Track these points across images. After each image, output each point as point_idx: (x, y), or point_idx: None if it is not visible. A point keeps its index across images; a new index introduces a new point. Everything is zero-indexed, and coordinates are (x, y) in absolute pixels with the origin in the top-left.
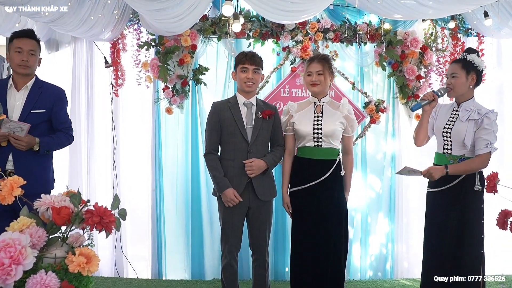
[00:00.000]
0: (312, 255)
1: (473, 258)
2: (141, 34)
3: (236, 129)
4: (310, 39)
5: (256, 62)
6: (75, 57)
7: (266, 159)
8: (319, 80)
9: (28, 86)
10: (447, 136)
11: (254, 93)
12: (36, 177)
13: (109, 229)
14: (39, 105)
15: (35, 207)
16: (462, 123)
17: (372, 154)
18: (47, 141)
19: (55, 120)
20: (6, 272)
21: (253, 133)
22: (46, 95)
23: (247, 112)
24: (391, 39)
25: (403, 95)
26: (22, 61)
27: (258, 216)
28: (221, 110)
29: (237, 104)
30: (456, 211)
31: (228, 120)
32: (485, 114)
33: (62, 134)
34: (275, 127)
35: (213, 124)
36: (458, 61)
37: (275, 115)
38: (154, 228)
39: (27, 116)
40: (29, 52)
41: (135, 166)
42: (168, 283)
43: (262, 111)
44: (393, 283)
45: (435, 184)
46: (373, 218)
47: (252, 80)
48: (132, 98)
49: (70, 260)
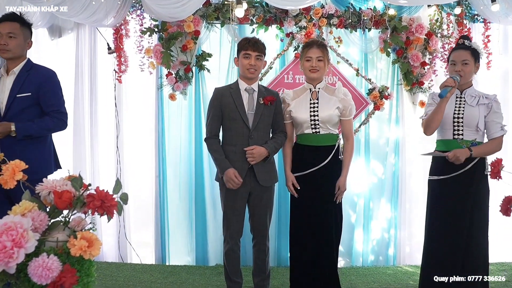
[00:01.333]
0: (311, 240)
1: (482, 244)
2: (144, 20)
3: (237, 115)
4: (314, 25)
5: (259, 48)
6: (78, 44)
7: (267, 146)
8: (318, 66)
9: (15, 71)
10: (458, 122)
11: (256, 79)
12: (29, 163)
13: (110, 213)
14: (24, 89)
15: (37, 191)
16: (473, 108)
17: (375, 140)
18: (26, 126)
19: (43, 103)
20: (8, 255)
21: (255, 119)
22: (32, 77)
23: (249, 98)
24: (396, 25)
25: (407, 81)
26: (0, 45)
27: (259, 202)
28: (223, 95)
29: (239, 90)
30: (470, 196)
31: (230, 105)
32: (493, 99)
33: (48, 118)
34: (276, 113)
35: (215, 109)
36: (466, 48)
37: (277, 101)
38: (157, 214)
39: (13, 100)
40: (7, 35)
41: (139, 152)
42: (171, 269)
43: (263, 97)
44: (395, 269)
45: (442, 171)
46: (376, 203)
47: (254, 66)
48: (135, 85)
49: (72, 243)
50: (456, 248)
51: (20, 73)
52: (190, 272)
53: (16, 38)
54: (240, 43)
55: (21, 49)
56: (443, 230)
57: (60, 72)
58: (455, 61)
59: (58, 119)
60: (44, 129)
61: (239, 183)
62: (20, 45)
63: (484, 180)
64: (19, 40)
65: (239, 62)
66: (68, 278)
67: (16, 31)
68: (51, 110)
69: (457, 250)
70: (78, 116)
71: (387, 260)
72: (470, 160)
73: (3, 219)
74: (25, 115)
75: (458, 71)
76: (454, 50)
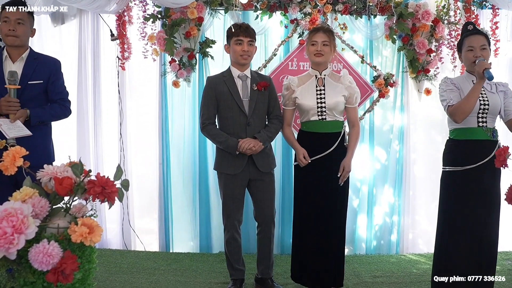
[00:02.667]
0: (314, 228)
1: (496, 232)
2: (147, 6)
3: (233, 103)
4: (318, 11)
5: (250, 34)
6: (80, 30)
7: (259, 137)
8: (324, 51)
9: (23, 57)
10: (484, 109)
11: (248, 66)
12: (37, 150)
13: (111, 199)
14: (35, 76)
15: (38, 177)
16: (495, 95)
17: (379, 127)
18: (39, 112)
19: (51, 91)
20: (8, 241)
21: (250, 105)
22: (42, 66)
23: (243, 85)
24: (402, 11)
25: (413, 69)
26: (9, 31)
27: (261, 187)
28: (217, 84)
29: (232, 78)
30: (495, 184)
31: (225, 94)
32: (507, 84)
33: (57, 105)
34: (270, 99)
35: (209, 98)
36: (481, 33)
37: (270, 86)
38: (161, 201)
39: (25, 87)
40: (16, 21)
41: (142, 139)
42: (175, 256)
43: (257, 83)
44: (399, 257)
45: (464, 162)
46: (379, 190)
47: (247, 52)
48: (139, 71)
49: (72, 230)
50: (474, 245)
51: (28, 60)
52: (194, 259)
53: (24, 24)
54: (229, 30)
55: (27, 37)
56: (463, 225)
57: (63, 59)
58: (473, 47)
59: (65, 107)
60: (54, 115)
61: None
62: (27, 33)
63: (499, 172)
64: (26, 27)
65: (230, 49)
66: (69, 265)
67: (24, 17)
68: (59, 98)
69: (474, 247)
70: (81, 103)
71: (389, 247)
72: (491, 149)
73: (3, 205)
74: (34, 102)
75: (477, 56)
76: (468, 36)
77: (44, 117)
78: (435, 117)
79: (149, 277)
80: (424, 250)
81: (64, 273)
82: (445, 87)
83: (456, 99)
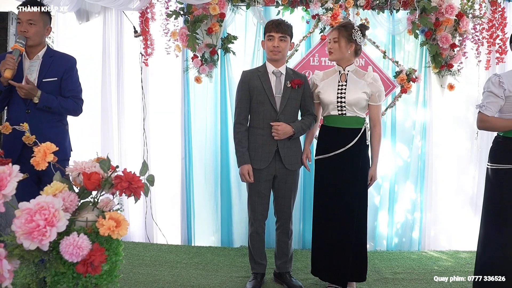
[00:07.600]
0: (333, 223)
1: None
2: (170, 3)
3: (265, 98)
4: (340, 6)
5: (282, 29)
6: (105, 27)
7: (294, 125)
8: (333, 48)
9: (39, 55)
10: None
11: (283, 62)
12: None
13: (137, 194)
14: (50, 74)
15: (67, 172)
16: None
17: (401, 123)
18: (49, 98)
19: (63, 88)
20: (41, 233)
21: (282, 102)
22: (57, 63)
23: (276, 81)
24: (425, 5)
25: (436, 64)
26: (21, 32)
27: (284, 185)
28: (251, 79)
29: (267, 73)
30: None
31: (258, 88)
32: None
33: (70, 100)
34: (305, 96)
35: (243, 92)
36: None
37: (305, 84)
38: (183, 195)
39: (40, 85)
40: (27, 22)
41: (165, 134)
42: (197, 249)
43: (291, 80)
44: (420, 254)
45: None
46: (401, 186)
47: (278, 48)
48: (162, 67)
49: (100, 223)
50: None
51: (44, 58)
52: (215, 253)
53: (36, 25)
54: (265, 26)
55: (41, 36)
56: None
57: (87, 56)
58: None
59: (77, 104)
60: (64, 107)
61: (250, 181)
62: (39, 32)
63: None
64: (39, 27)
65: (265, 45)
66: (97, 257)
67: (35, 17)
68: (71, 95)
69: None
70: (105, 99)
71: (411, 244)
72: None
73: (36, 199)
74: None
75: None
76: None
77: (53, 104)
78: (458, 113)
79: (171, 270)
80: (445, 247)
81: (92, 265)
82: (488, 87)
83: (494, 109)
